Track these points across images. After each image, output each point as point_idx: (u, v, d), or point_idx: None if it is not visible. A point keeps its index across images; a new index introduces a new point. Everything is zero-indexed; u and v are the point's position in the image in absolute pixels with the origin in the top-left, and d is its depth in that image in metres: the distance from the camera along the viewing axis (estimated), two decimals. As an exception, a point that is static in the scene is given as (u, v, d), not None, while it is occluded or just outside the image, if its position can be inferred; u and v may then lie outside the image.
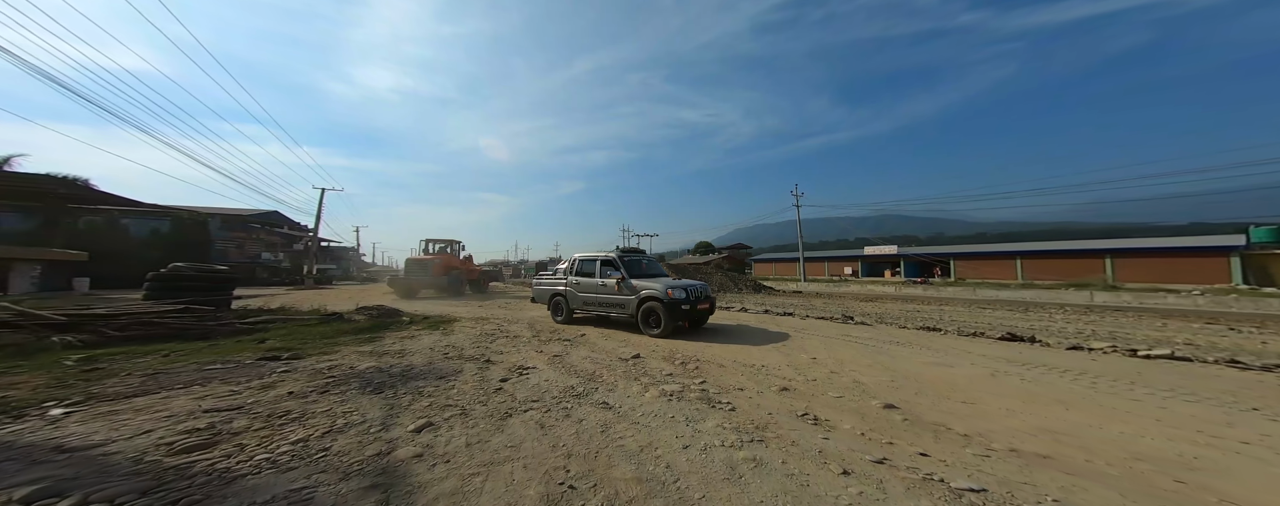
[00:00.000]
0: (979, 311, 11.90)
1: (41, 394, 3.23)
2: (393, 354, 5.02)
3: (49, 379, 3.75)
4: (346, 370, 4.13)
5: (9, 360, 4.28)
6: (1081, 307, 13.57)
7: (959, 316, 10.60)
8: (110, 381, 3.69)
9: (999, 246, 32.47)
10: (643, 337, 6.13)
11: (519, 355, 4.89)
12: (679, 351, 5.07)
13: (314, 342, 5.70)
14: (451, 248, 18.87)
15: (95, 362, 4.44)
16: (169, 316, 6.34)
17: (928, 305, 14.01)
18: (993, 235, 73.68)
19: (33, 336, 4.94)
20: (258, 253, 32.36)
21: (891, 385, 3.66)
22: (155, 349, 5.09)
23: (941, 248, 36.43)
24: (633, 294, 6.53)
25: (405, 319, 8.02)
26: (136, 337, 5.49)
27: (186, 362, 4.47)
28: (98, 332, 5.34)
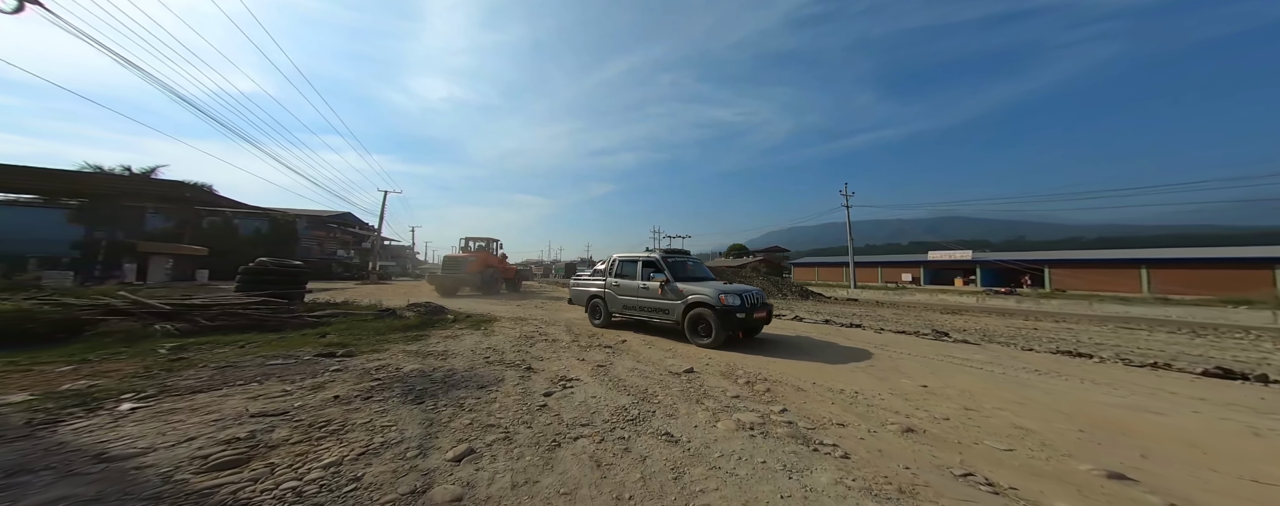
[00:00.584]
0: (1124, 332, 9.45)
1: (125, 384, 3.39)
2: (437, 355, 4.92)
3: (139, 367, 4.01)
4: (392, 372, 4.03)
5: (114, 346, 4.73)
6: (1269, 331, 10.34)
7: (1100, 337, 8.36)
8: (187, 373, 3.85)
9: (1117, 253, 27.02)
10: (690, 348, 5.53)
11: (560, 363, 4.55)
12: (738, 367, 4.44)
13: (368, 339, 5.82)
14: (490, 246, 18.89)
15: (183, 351, 4.78)
16: (251, 308, 6.90)
17: (1038, 321, 11.29)
18: (1089, 240, 62.30)
19: (141, 324, 5.50)
20: (334, 250, 36.34)
21: (1081, 436, 2.74)
22: (235, 339, 5.46)
23: (1030, 253, 31.35)
24: (678, 299, 5.96)
25: (450, 317, 8.14)
26: (223, 327, 5.97)
27: (255, 355, 4.67)
28: (193, 322, 5.87)
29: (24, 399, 2.95)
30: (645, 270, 6.81)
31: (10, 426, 2.44)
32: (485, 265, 17.31)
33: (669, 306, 6.10)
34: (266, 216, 28.67)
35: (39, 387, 3.31)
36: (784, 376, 4.10)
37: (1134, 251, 26.49)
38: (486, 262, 17.52)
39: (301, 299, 9.00)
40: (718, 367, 4.40)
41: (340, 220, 37.61)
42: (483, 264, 17.17)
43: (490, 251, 18.68)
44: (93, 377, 3.63)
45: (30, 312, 4.79)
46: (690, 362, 4.56)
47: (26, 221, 20.96)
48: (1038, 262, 27.03)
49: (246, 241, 26.89)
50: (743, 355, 5.10)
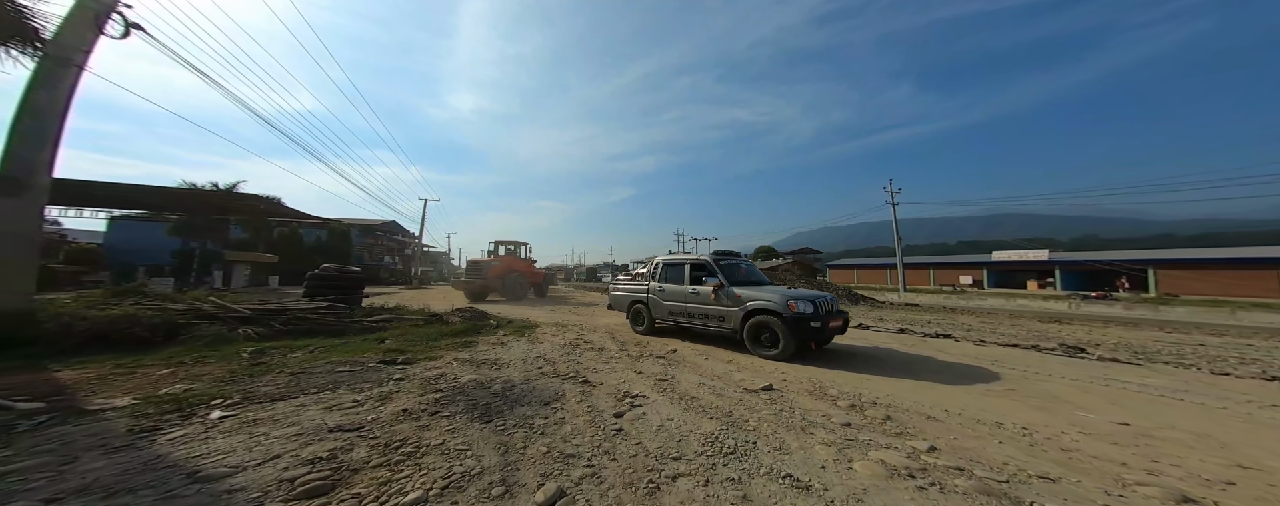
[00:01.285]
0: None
1: (214, 389, 3.52)
2: (489, 364, 4.85)
3: (225, 371, 4.21)
4: (451, 382, 3.96)
5: (205, 349, 5.05)
6: None
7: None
8: (266, 379, 3.98)
9: (1245, 251, 22.48)
10: (751, 359, 5.08)
11: (616, 375, 4.29)
12: (827, 384, 3.95)
13: (421, 345, 5.91)
14: (518, 249, 18.13)
15: (262, 355, 5.02)
16: (316, 312, 7.28)
17: (1178, 332, 9.26)
18: (1186, 237, 53.62)
19: (226, 328, 5.90)
20: (381, 256, 38.92)
21: None
22: (305, 343, 5.70)
23: (1124, 253, 27.30)
24: (735, 305, 5.52)
25: (493, 323, 8.20)
26: (294, 331, 6.30)
27: (324, 361, 4.81)
28: (268, 326, 6.23)
29: (128, 404, 3.09)
30: (694, 274, 6.45)
31: (114, 434, 2.52)
32: (510, 269, 16.66)
33: (724, 313, 5.68)
34: (325, 226, 31.19)
35: (141, 391, 3.50)
36: (896, 399, 3.55)
37: (1267, 249, 22.08)
38: (511, 267, 16.86)
39: (359, 303, 9.47)
40: (800, 385, 3.92)
41: (386, 228, 40.27)
42: (506, 268, 16.54)
43: (517, 255, 18.04)
44: (187, 381, 3.81)
45: (135, 316, 5.24)
46: (762, 377, 4.13)
47: (137, 235, 24.09)
48: (1138, 262, 23.39)
49: (309, 249, 29.37)
50: (823, 369, 4.56)
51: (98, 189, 15.94)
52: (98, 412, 2.91)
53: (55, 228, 26.30)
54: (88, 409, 2.97)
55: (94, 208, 20.53)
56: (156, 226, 23.36)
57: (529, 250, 18.67)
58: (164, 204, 20.42)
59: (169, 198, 18.76)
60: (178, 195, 18.60)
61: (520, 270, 17.28)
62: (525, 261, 18.33)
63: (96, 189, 15.88)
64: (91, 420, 2.77)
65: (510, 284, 16.09)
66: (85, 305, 6.02)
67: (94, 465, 2.09)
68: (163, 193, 18.08)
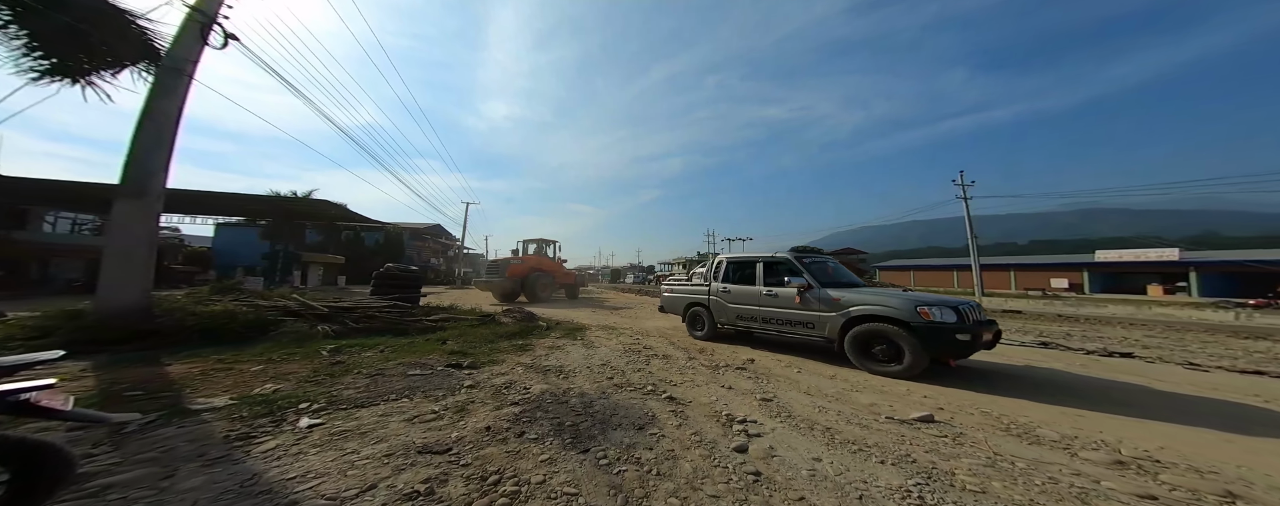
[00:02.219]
0: None
1: (300, 391, 3.49)
2: (553, 371, 4.56)
3: (309, 369, 4.25)
4: (523, 393, 3.68)
5: (291, 345, 5.22)
6: None
7: None
8: (346, 380, 3.94)
9: None
10: (856, 373, 4.32)
11: (701, 391, 3.78)
12: (1019, 418, 2.97)
13: (481, 347, 5.79)
14: (546, 248, 16.98)
15: (339, 354, 5.10)
16: (383, 311, 7.53)
17: None
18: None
19: (307, 325, 6.18)
20: (428, 258, 41.50)
21: None
22: (375, 342, 5.79)
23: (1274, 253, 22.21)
24: (830, 309, 4.76)
25: (543, 324, 8.04)
26: (364, 330, 6.49)
27: (395, 361, 4.77)
28: (342, 323, 6.46)
29: (225, 404, 3.10)
30: (769, 274, 5.78)
31: (213, 442, 2.44)
32: (533, 269, 15.45)
33: (813, 319, 4.97)
34: (383, 230, 33.77)
35: (237, 389, 3.55)
36: (1181, 453, 2.47)
37: None
38: (536, 267, 15.68)
39: (417, 301, 9.80)
40: (972, 416, 3.01)
41: (433, 232, 42.90)
42: (531, 267, 15.42)
43: (545, 253, 16.94)
44: (276, 380, 3.85)
45: (233, 313, 5.60)
46: (900, 401, 3.34)
47: (237, 238, 27.48)
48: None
49: (369, 251, 31.90)
50: (977, 393, 3.69)
51: (207, 198, 18.23)
52: (198, 413, 2.91)
53: (174, 233, 30.78)
54: (190, 409, 2.98)
55: (203, 214, 23.71)
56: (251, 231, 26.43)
57: (558, 249, 17.59)
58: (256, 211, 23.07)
59: (260, 205, 21.15)
60: (267, 202, 20.90)
61: (547, 269, 16.15)
62: (554, 261, 17.20)
63: (206, 198, 18.16)
64: (193, 422, 2.75)
65: (534, 284, 14.92)
66: (193, 301, 6.59)
67: (193, 482, 1.95)
68: (256, 200, 20.37)
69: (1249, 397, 3.86)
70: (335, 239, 30.34)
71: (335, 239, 30.34)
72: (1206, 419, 3.23)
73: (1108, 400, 3.66)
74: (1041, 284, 27.89)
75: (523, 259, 16.07)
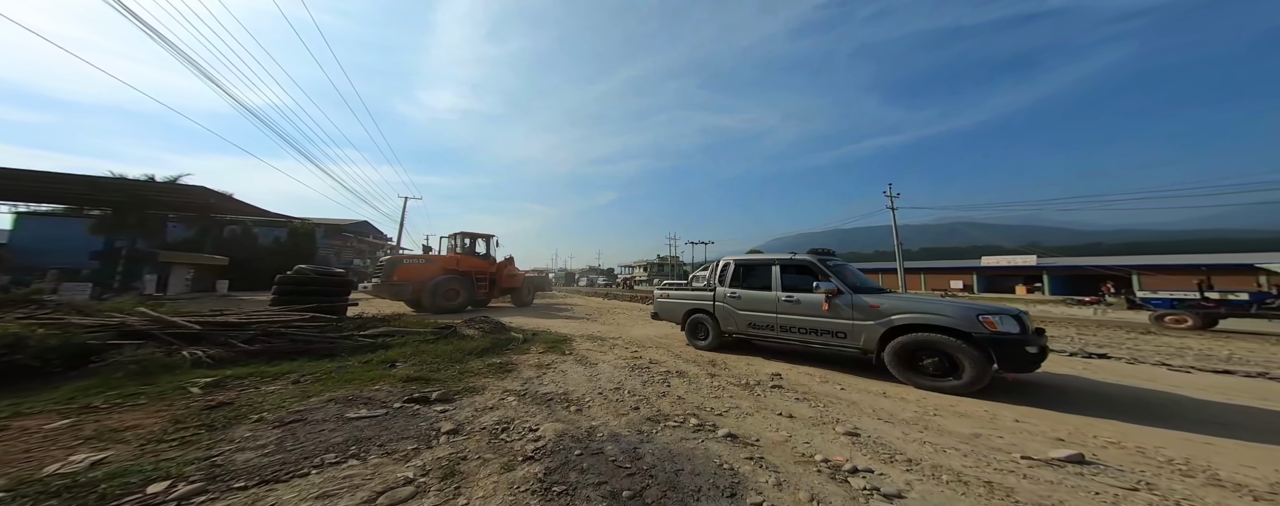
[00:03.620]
0: None
1: (151, 461, 2.12)
2: (557, 400, 3.60)
3: (166, 422, 2.74)
4: (532, 439, 2.71)
5: (133, 385, 3.48)
6: None
7: None
8: (238, 434, 2.58)
9: (1224, 258, 24.19)
10: (900, 387, 3.99)
11: (757, 422, 3.11)
12: (1164, 452, 2.56)
13: (446, 369, 4.55)
14: (477, 244, 13.84)
15: (223, 389, 3.54)
16: (294, 326, 5.69)
17: (1237, 342, 8.34)
18: (1111, 244, 60.23)
19: (164, 350, 4.29)
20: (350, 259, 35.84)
21: None
22: (284, 369, 4.19)
23: (1110, 258, 28.90)
24: (866, 318, 4.43)
25: (518, 336, 6.85)
26: (266, 352, 4.73)
27: (322, 397, 3.39)
28: (227, 345, 4.65)
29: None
30: (788, 277, 5.39)
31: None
32: (448, 270, 11.92)
33: (846, 328, 4.61)
34: (287, 225, 28.31)
35: (9, 466, 2.05)
36: None
37: (1238, 256, 23.73)
38: (449, 267, 12.10)
39: (345, 312, 7.80)
40: (1121, 452, 2.55)
41: (357, 229, 37.30)
42: (439, 269, 11.82)
43: (472, 251, 13.58)
44: (100, 443, 2.37)
45: (21, 337, 3.59)
46: (1014, 433, 2.84)
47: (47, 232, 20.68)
48: (1122, 268, 24.50)
49: (266, 251, 26.41)
50: (1063, 413, 3.31)
51: None
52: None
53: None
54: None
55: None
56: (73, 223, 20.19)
57: (496, 245, 14.27)
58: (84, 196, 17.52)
59: (90, 188, 16.02)
60: (102, 186, 15.94)
61: (471, 270, 12.67)
62: (486, 259, 13.76)
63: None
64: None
65: (436, 291, 11.17)
66: (-52, 317, 4.26)
67: None
68: (81, 182, 15.38)
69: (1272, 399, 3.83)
70: (215, 235, 24.59)
71: (215, 235, 24.59)
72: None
73: (1209, 420, 3.30)
74: (944, 285, 32.59)
75: (430, 258, 12.81)
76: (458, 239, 13.85)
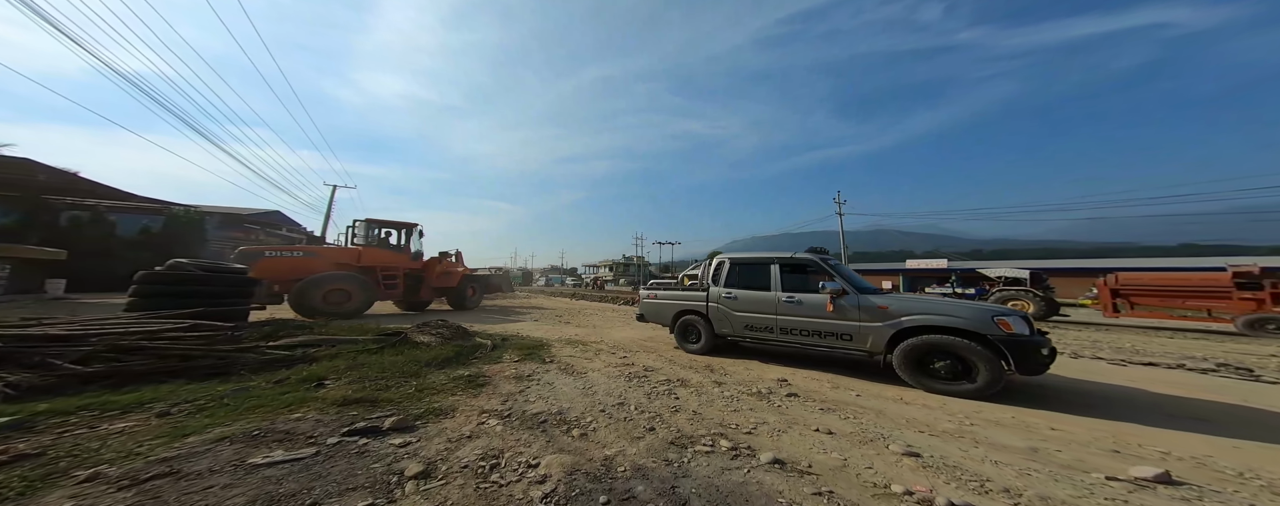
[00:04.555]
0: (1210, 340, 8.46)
1: None
2: (552, 421, 3.00)
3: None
4: (533, 478, 2.13)
5: None
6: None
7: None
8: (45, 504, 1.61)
9: (1080, 262, 30.04)
10: (921, 394, 3.88)
11: (794, 440, 2.75)
12: (1233, 467, 2.44)
13: (395, 385, 3.65)
14: (397, 235, 11.55)
15: (28, 432, 2.37)
16: (164, 338, 4.26)
17: (1113, 333, 9.94)
18: (989, 252, 75.05)
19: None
20: (254, 257, 30.29)
21: None
22: (142, 398, 3.01)
23: (998, 262, 35.14)
24: (875, 320, 4.34)
25: (487, 343, 5.94)
26: (110, 376, 3.40)
27: (206, 434, 2.41)
28: (46, 368, 3.26)
29: None
30: (789, 277, 5.23)
31: None
32: (341, 266, 9.81)
33: (852, 330, 4.51)
34: (161, 212, 23.22)
35: None
36: None
37: (1100, 261, 29.44)
38: (347, 262, 9.97)
39: (246, 318, 6.19)
40: (1201, 469, 2.42)
41: (265, 220, 31.82)
42: (333, 264, 9.73)
43: (384, 242, 11.34)
44: None
45: None
46: (1071, 446, 2.70)
47: None
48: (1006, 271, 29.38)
49: (129, 243, 21.32)
50: (1095, 419, 3.23)
51: None
52: None
53: None
54: None
55: None
56: None
57: (419, 237, 11.89)
58: None
59: None
60: None
61: (376, 266, 10.46)
62: (401, 254, 11.35)
63: None
64: None
65: (314, 291, 8.77)
66: None
67: None
68: None
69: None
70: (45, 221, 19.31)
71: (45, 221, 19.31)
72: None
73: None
74: (877, 284, 36.93)
75: (309, 251, 10.32)
76: (360, 228, 11.19)
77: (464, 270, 13.64)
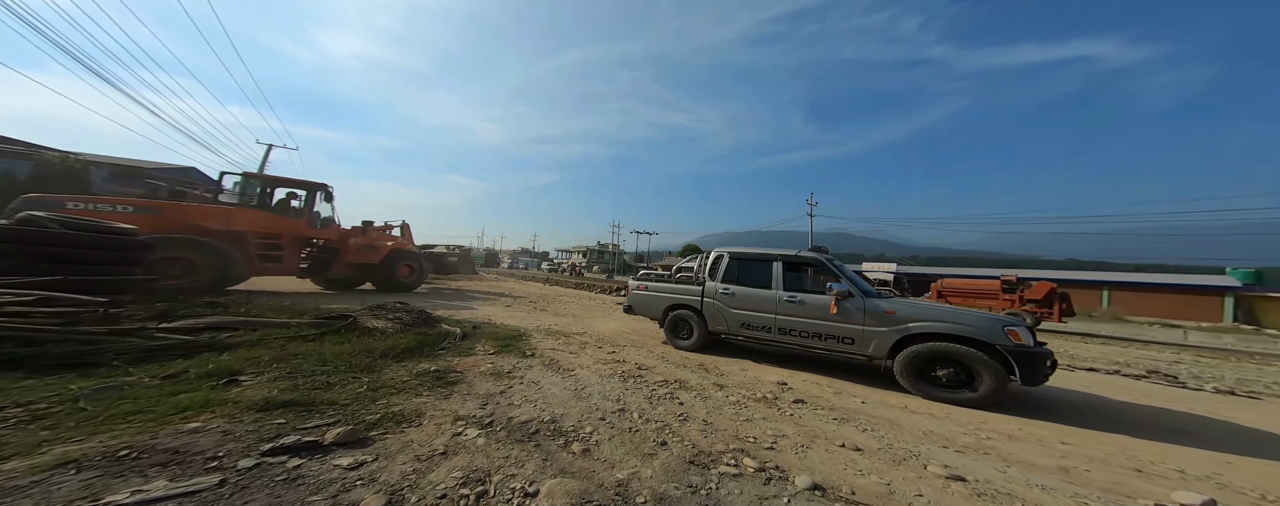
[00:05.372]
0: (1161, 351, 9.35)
1: None
2: (547, 432, 2.59)
3: None
4: (526, 501, 1.68)
5: None
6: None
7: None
8: None
9: (995, 271, 34.17)
10: (922, 402, 3.79)
11: (819, 456, 2.49)
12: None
13: (340, 382, 3.00)
14: (300, 196, 9.55)
15: None
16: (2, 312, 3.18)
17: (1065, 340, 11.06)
18: (924, 258, 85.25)
19: None
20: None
21: None
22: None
23: (928, 268, 39.06)
24: (880, 324, 4.26)
25: (455, 331, 5.25)
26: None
27: (43, 454, 1.69)
28: None
29: None
30: (792, 276, 5.07)
31: None
32: (192, 227, 7.76)
33: (855, 333, 4.41)
34: (29, 157, 19.02)
35: None
36: None
37: (1001, 271, 33.57)
38: (196, 223, 7.86)
39: (141, 291, 4.94)
40: (1239, 495, 2.37)
41: (177, 177, 27.15)
42: (181, 225, 7.68)
43: (269, 203, 9.13)
44: None
45: None
46: (1100, 466, 2.63)
47: None
48: (937, 276, 32.05)
49: (-28, 190, 17.18)
50: (1121, 437, 3.22)
51: None
52: None
53: None
54: None
55: None
56: None
57: (320, 199, 9.81)
58: None
59: None
60: None
61: (251, 231, 8.58)
62: (296, 219, 9.39)
63: None
64: None
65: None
66: None
67: None
68: None
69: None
70: None
71: None
72: None
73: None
74: None
75: (151, 205, 7.82)
76: (238, 184, 9.17)
77: (394, 243, 11.56)
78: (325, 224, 10.20)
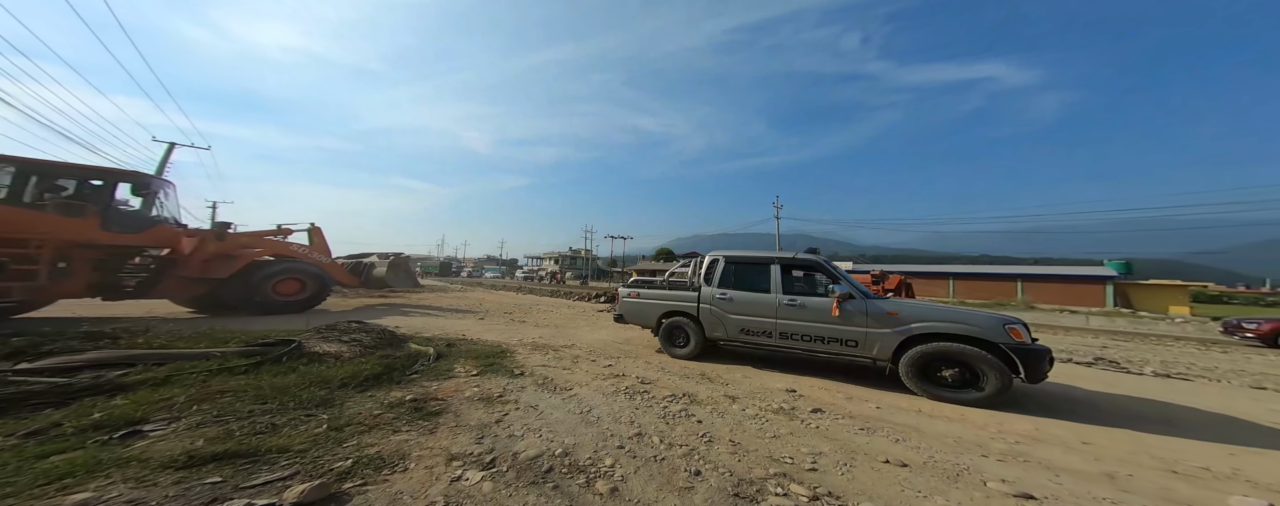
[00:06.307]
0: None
1: None
2: (562, 469, 2.30)
3: None
4: None
5: None
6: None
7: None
8: None
9: (935, 267, 37.63)
10: (935, 404, 3.77)
11: (868, 479, 2.28)
12: (1221, 466, 2.59)
13: (291, 423, 2.49)
14: (98, 189, 7.01)
15: None
16: None
17: None
18: (870, 257, 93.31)
19: None
20: None
21: None
22: None
23: (884, 266, 42.79)
24: (883, 326, 4.27)
25: (427, 350, 4.64)
26: None
27: None
28: None
29: None
30: (791, 279, 4.98)
31: None
32: None
33: (857, 336, 4.37)
34: None
35: None
36: None
37: (944, 266, 36.88)
38: None
39: None
40: (1233, 480, 2.47)
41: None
42: None
43: (17, 196, 6.41)
44: None
45: None
46: (1141, 470, 2.62)
47: None
48: (892, 274, 35.45)
49: None
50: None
51: None
52: None
53: None
54: None
55: None
56: None
57: (125, 192, 7.51)
58: None
59: None
60: None
61: None
62: (86, 218, 6.78)
63: None
64: None
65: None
66: None
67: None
68: None
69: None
70: None
71: None
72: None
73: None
74: None
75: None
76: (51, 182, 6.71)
77: (274, 250, 9.34)
78: (140, 225, 7.45)
